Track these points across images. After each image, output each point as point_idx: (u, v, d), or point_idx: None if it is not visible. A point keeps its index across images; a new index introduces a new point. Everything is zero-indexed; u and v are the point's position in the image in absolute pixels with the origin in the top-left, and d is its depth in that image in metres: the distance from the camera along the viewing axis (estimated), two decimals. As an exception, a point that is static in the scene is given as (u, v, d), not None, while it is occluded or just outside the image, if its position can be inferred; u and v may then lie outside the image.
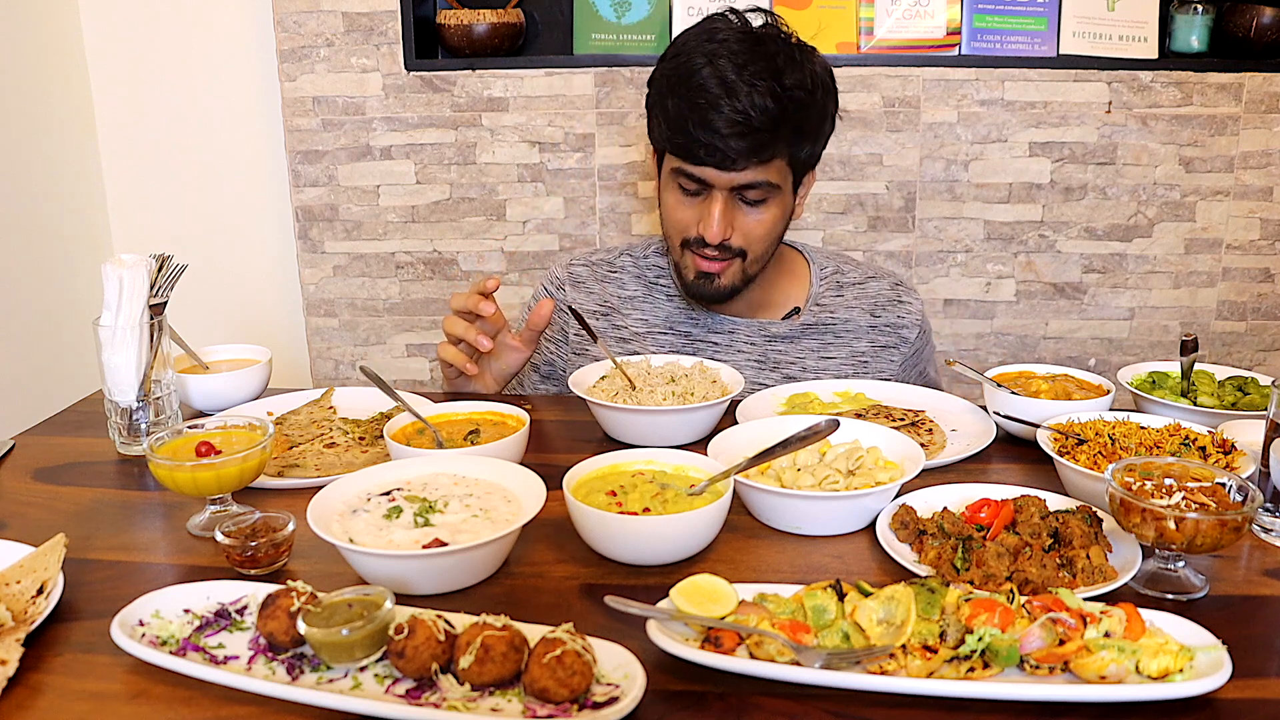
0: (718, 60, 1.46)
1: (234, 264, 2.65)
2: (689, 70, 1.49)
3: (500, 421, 1.37)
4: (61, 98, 2.49)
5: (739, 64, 1.46)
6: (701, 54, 1.49)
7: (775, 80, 1.46)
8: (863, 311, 1.76)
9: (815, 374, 1.71)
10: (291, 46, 2.38)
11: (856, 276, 1.80)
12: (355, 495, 1.09)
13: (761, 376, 1.70)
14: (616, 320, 1.77)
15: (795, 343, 1.73)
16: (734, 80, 1.45)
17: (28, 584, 0.97)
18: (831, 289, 1.77)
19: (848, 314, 1.75)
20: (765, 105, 1.45)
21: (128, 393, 1.35)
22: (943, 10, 2.29)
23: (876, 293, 1.78)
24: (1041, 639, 0.83)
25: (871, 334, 1.75)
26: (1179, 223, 2.37)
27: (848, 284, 1.79)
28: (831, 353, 1.73)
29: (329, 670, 0.85)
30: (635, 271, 1.81)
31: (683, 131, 1.49)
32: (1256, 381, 1.43)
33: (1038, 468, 1.29)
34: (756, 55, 1.47)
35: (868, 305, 1.77)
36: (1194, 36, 2.26)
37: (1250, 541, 1.10)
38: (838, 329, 1.74)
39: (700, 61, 1.48)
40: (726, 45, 1.48)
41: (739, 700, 0.83)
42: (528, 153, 2.42)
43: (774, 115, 1.46)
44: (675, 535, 1.03)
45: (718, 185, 1.53)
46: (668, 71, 1.55)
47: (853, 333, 1.74)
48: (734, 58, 1.46)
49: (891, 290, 1.79)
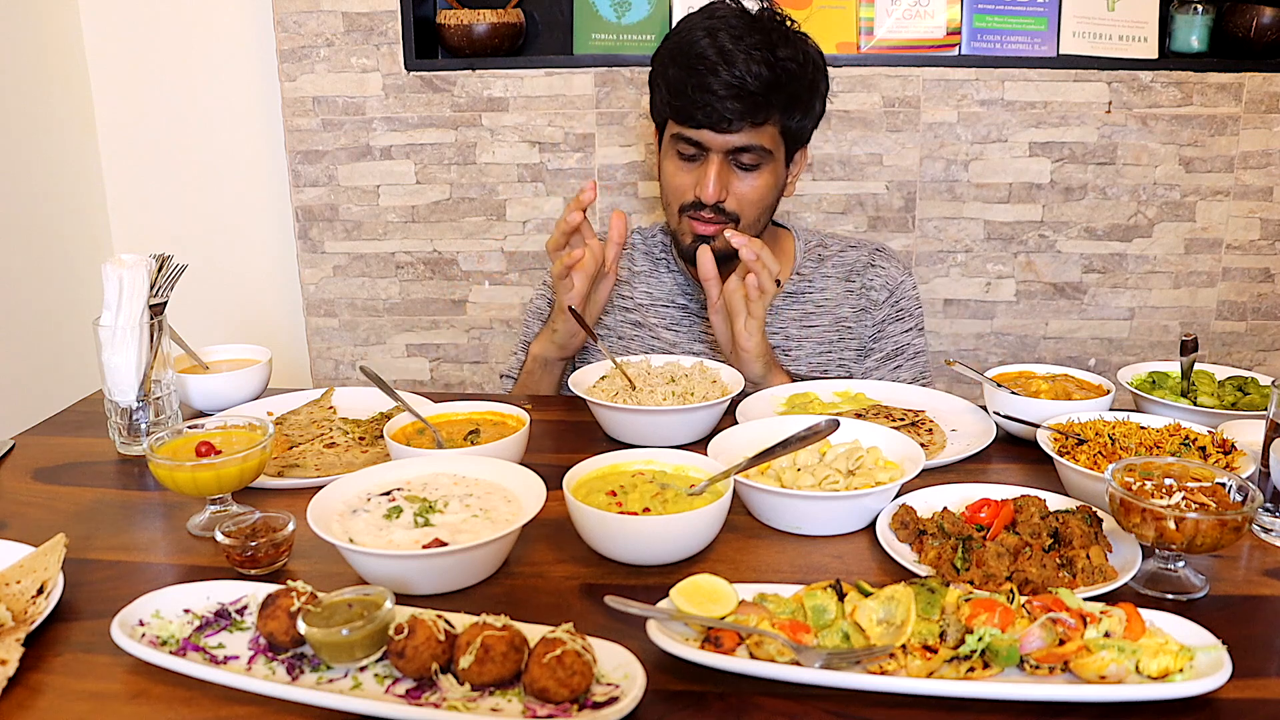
0: (717, 33, 1.57)
1: (234, 264, 2.65)
2: (689, 42, 1.60)
3: (500, 421, 1.37)
4: (61, 98, 2.49)
5: (736, 35, 1.57)
6: (701, 28, 1.60)
7: (769, 51, 1.56)
8: (839, 280, 1.83)
9: (798, 343, 1.78)
10: (291, 46, 2.38)
11: (837, 247, 1.88)
12: (355, 495, 1.09)
13: None
14: (624, 291, 1.86)
15: (778, 314, 1.80)
16: (731, 49, 1.55)
17: (28, 584, 0.97)
18: (812, 260, 1.85)
19: (824, 282, 1.83)
20: (760, 72, 1.55)
21: (128, 393, 1.35)
22: (943, 10, 2.29)
23: (855, 259, 1.85)
24: (1041, 639, 0.83)
25: (850, 299, 1.82)
26: (1179, 223, 2.37)
27: (828, 255, 1.86)
28: (813, 321, 1.80)
29: (329, 670, 0.85)
30: (644, 249, 1.90)
31: (681, 95, 1.59)
32: (1256, 381, 1.43)
33: (1038, 468, 1.29)
34: (753, 29, 1.58)
35: (844, 272, 1.84)
36: (1194, 36, 2.26)
37: (1250, 541, 1.10)
38: (817, 298, 1.81)
39: (700, 34, 1.59)
40: (725, 21, 1.59)
41: (739, 700, 0.83)
42: (528, 153, 2.42)
43: (768, 81, 1.56)
44: (675, 535, 1.03)
45: (714, 148, 1.61)
46: (669, 46, 1.65)
47: (832, 300, 1.81)
48: (731, 30, 1.57)
49: (869, 255, 1.86)
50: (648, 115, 2.35)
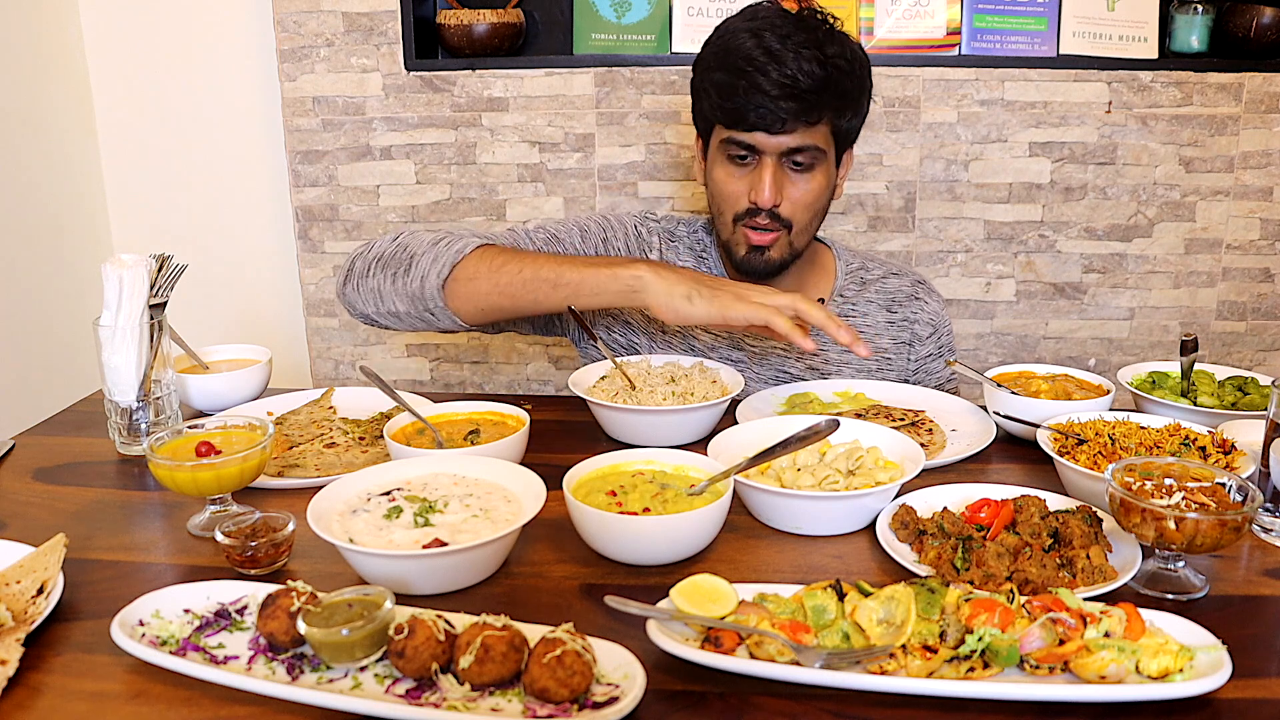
0: (763, 34, 1.54)
1: (234, 264, 2.65)
2: (735, 44, 1.56)
3: (500, 421, 1.37)
4: (61, 98, 2.49)
5: (783, 34, 1.53)
6: (746, 30, 1.56)
7: (818, 49, 1.52)
8: (880, 307, 1.79)
9: (838, 367, 1.74)
10: (291, 46, 2.38)
11: (879, 273, 1.83)
12: (355, 495, 1.09)
13: (786, 365, 1.73)
14: None
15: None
16: (779, 49, 1.51)
17: (28, 584, 0.97)
18: (855, 283, 1.81)
19: (867, 309, 1.79)
20: (812, 70, 1.51)
21: (128, 393, 1.35)
22: (943, 10, 2.29)
23: (896, 289, 1.81)
24: (1041, 639, 0.83)
25: (891, 329, 1.78)
26: (1179, 223, 2.37)
27: (870, 280, 1.82)
28: None
29: (329, 670, 0.85)
30: (689, 243, 1.84)
31: (732, 98, 1.54)
32: (1256, 381, 1.43)
33: (1038, 468, 1.29)
34: (799, 28, 1.54)
35: (885, 301, 1.80)
36: (1194, 36, 2.26)
37: (1250, 541, 1.10)
38: (859, 324, 1.77)
39: (745, 36, 1.55)
40: (769, 21, 1.56)
41: (739, 700, 0.83)
42: (528, 153, 2.42)
43: (820, 80, 1.52)
44: (675, 535, 1.03)
45: (767, 150, 1.57)
46: (713, 50, 1.61)
47: (873, 328, 1.77)
48: (777, 30, 1.54)
49: (911, 287, 1.82)
50: (648, 115, 2.36)
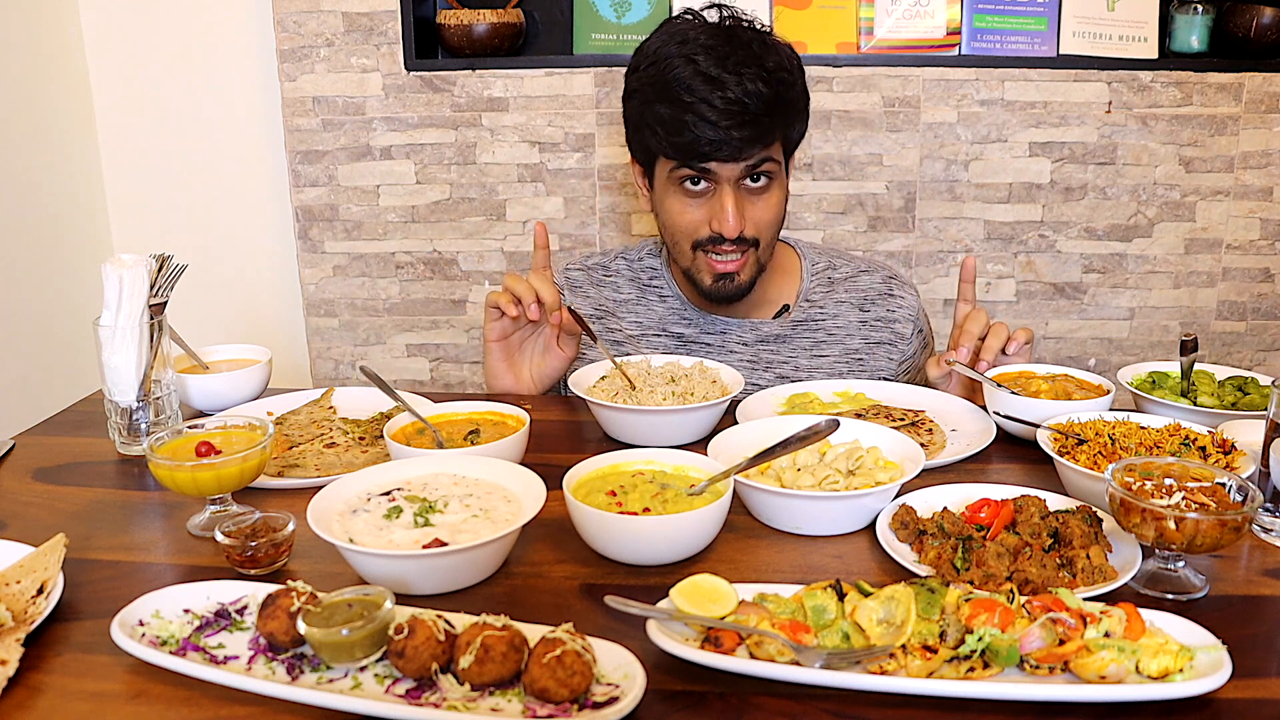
0: (696, 58, 1.47)
1: (234, 264, 2.65)
2: (671, 74, 1.48)
3: (500, 421, 1.37)
4: (61, 98, 2.49)
5: (719, 56, 1.46)
6: (679, 56, 1.48)
7: (759, 66, 1.47)
8: (852, 306, 1.73)
9: (808, 374, 1.70)
10: (291, 46, 2.38)
11: (848, 270, 1.78)
12: (355, 495, 1.09)
13: (754, 377, 1.69)
14: (611, 324, 1.76)
15: (787, 342, 1.71)
16: (718, 74, 1.45)
17: (28, 584, 0.97)
18: (822, 285, 1.75)
19: (837, 309, 1.73)
20: (757, 89, 1.46)
21: (128, 393, 1.35)
22: (943, 10, 2.29)
23: (867, 286, 1.76)
24: (1041, 639, 0.83)
25: (863, 329, 1.72)
26: (1179, 223, 2.37)
27: (839, 279, 1.76)
28: (824, 351, 1.71)
29: (329, 670, 0.85)
30: (630, 275, 1.79)
31: (681, 132, 1.48)
32: (1256, 381, 1.43)
33: (1038, 468, 1.29)
34: (733, 46, 1.48)
35: (857, 300, 1.74)
36: (1194, 36, 2.26)
37: (1250, 541, 1.10)
38: (829, 326, 1.72)
39: (679, 63, 1.48)
40: (699, 43, 1.49)
41: (739, 700, 0.83)
42: (528, 153, 2.42)
43: (767, 99, 1.47)
44: (675, 535, 1.03)
45: (725, 176, 1.52)
46: (647, 81, 1.53)
47: (844, 329, 1.72)
48: (711, 52, 1.47)
49: (884, 284, 1.76)
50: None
